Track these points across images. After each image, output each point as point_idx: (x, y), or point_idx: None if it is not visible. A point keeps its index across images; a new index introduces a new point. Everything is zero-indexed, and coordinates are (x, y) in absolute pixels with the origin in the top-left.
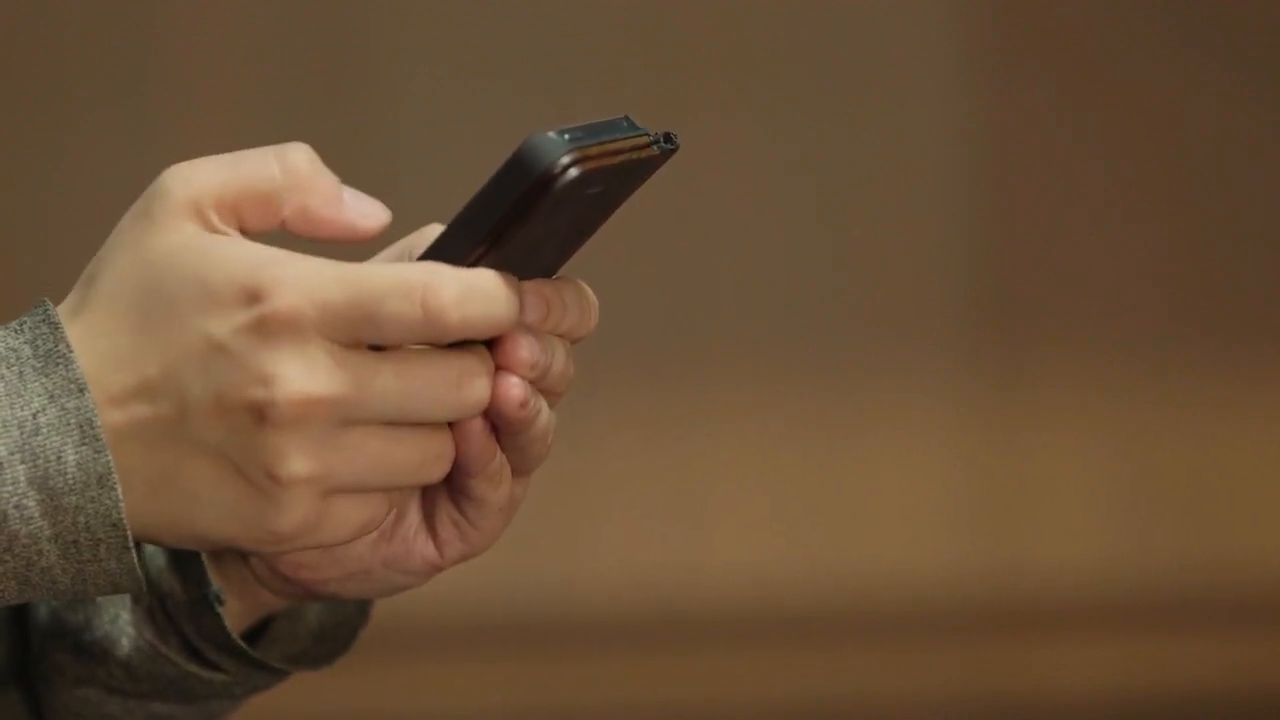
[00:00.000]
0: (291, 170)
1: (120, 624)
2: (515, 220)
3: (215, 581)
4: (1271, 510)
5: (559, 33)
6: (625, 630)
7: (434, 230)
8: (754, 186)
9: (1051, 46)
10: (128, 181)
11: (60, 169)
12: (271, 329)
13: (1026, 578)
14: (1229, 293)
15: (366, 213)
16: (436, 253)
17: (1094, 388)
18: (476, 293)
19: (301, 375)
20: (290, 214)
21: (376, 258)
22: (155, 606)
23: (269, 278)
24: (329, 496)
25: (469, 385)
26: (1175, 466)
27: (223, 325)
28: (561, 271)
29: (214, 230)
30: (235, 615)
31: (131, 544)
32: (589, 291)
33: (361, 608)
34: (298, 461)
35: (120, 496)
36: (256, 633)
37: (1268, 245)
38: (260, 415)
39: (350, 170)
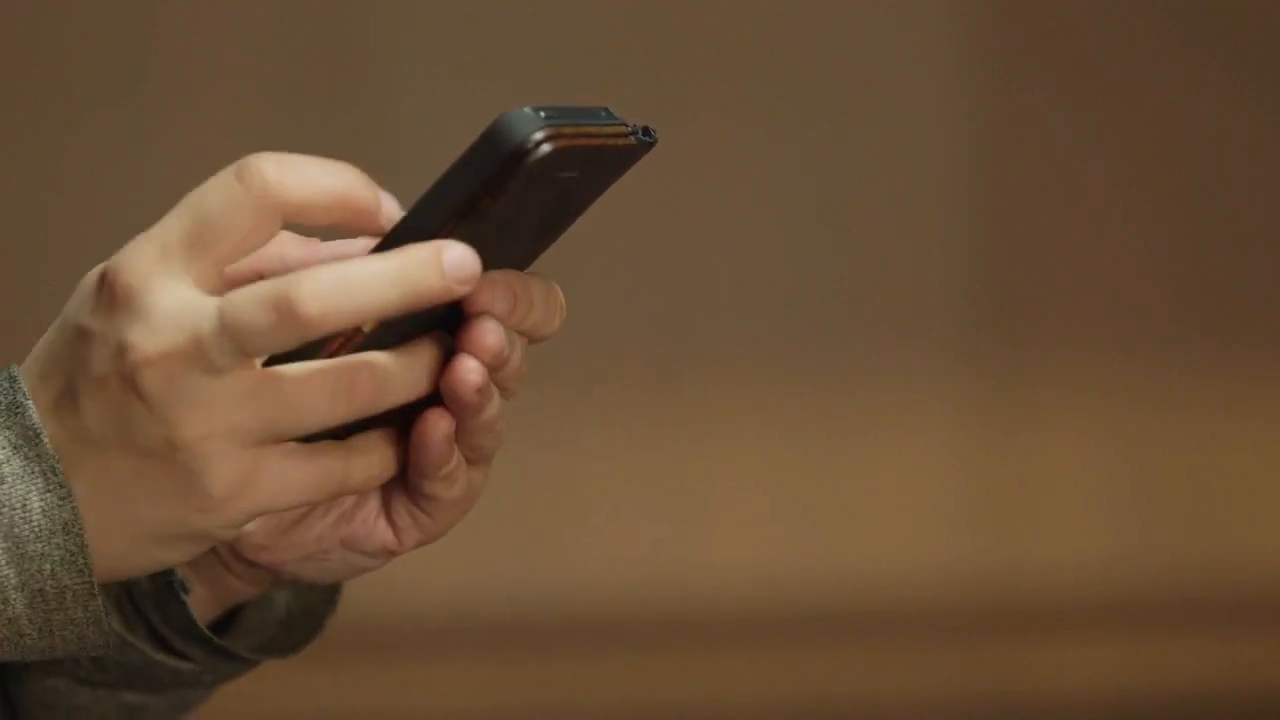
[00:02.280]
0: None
1: None
2: (486, 196)
3: (180, 569)
4: (1271, 510)
5: (559, 33)
6: (624, 630)
7: (391, 202)
8: (754, 186)
9: (1051, 46)
10: (128, 182)
11: (60, 169)
12: (116, 300)
13: (1026, 578)
14: (1229, 293)
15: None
16: (404, 229)
17: (1094, 388)
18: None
19: (145, 335)
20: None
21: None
22: (122, 595)
23: (116, 258)
24: (248, 449)
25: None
26: (1175, 466)
27: (84, 310)
28: (551, 270)
29: None
30: (204, 604)
31: (97, 591)
32: (558, 291)
33: (329, 596)
34: (184, 422)
35: (86, 543)
36: (227, 622)
37: (1268, 245)
38: (131, 386)
39: None
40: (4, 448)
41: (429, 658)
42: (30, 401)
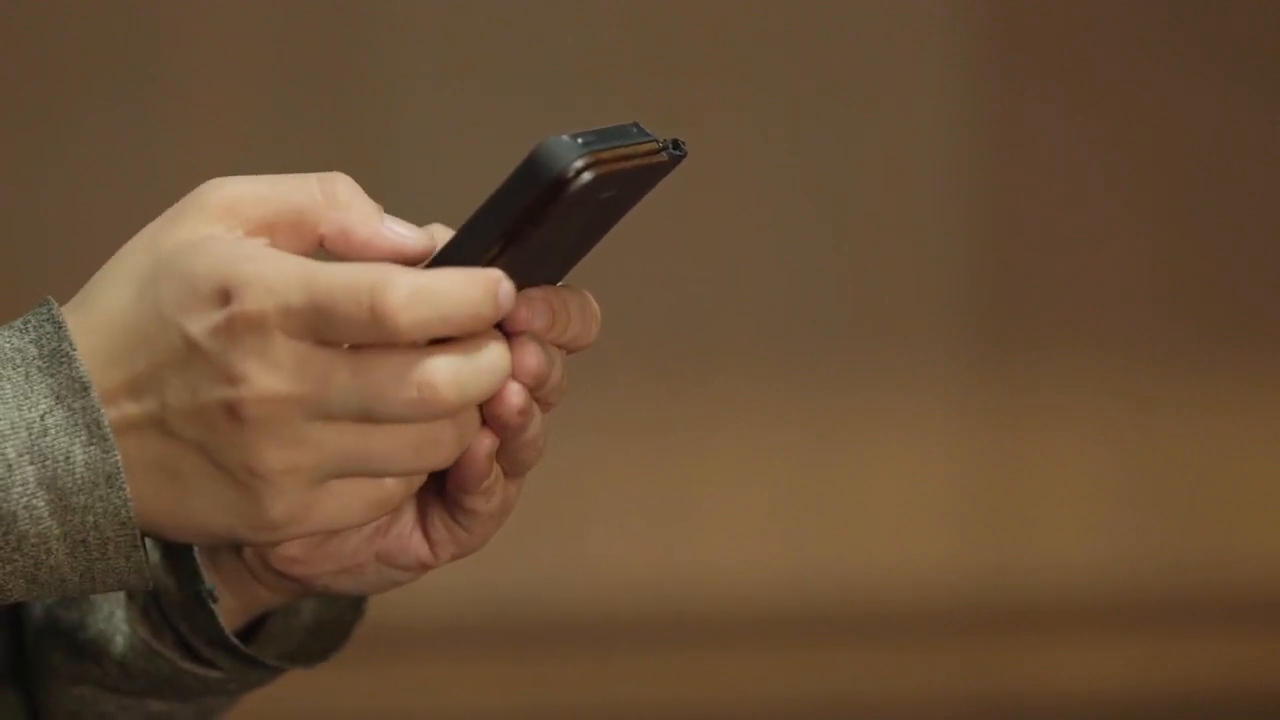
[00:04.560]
0: (330, 193)
1: (115, 621)
2: (528, 223)
3: (209, 578)
4: (1271, 510)
5: (559, 34)
6: (624, 630)
7: (438, 230)
8: (754, 187)
9: (1051, 46)
10: (129, 184)
11: (62, 173)
12: (239, 329)
13: (1025, 578)
14: (1228, 293)
15: (407, 234)
16: (448, 255)
17: (1094, 388)
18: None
19: (265, 375)
20: (328, 232)
21: None
22: (149, 604)
23: (239, 277)
24: (319, 485)
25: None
26: (1174, 466)
27: (199, 324)
28: (565, 278)
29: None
30: (231, 612)
31: (140, 542)
32: (593, 302)
33: (356, 604)
34: (271, 455)
35: (129, 495)
36: (252, 630)
37: (1268, 246)
38: (232, 413)
39: (349, 172)
40: (47, 397)
41: (430, 658)
42: (77, 352)
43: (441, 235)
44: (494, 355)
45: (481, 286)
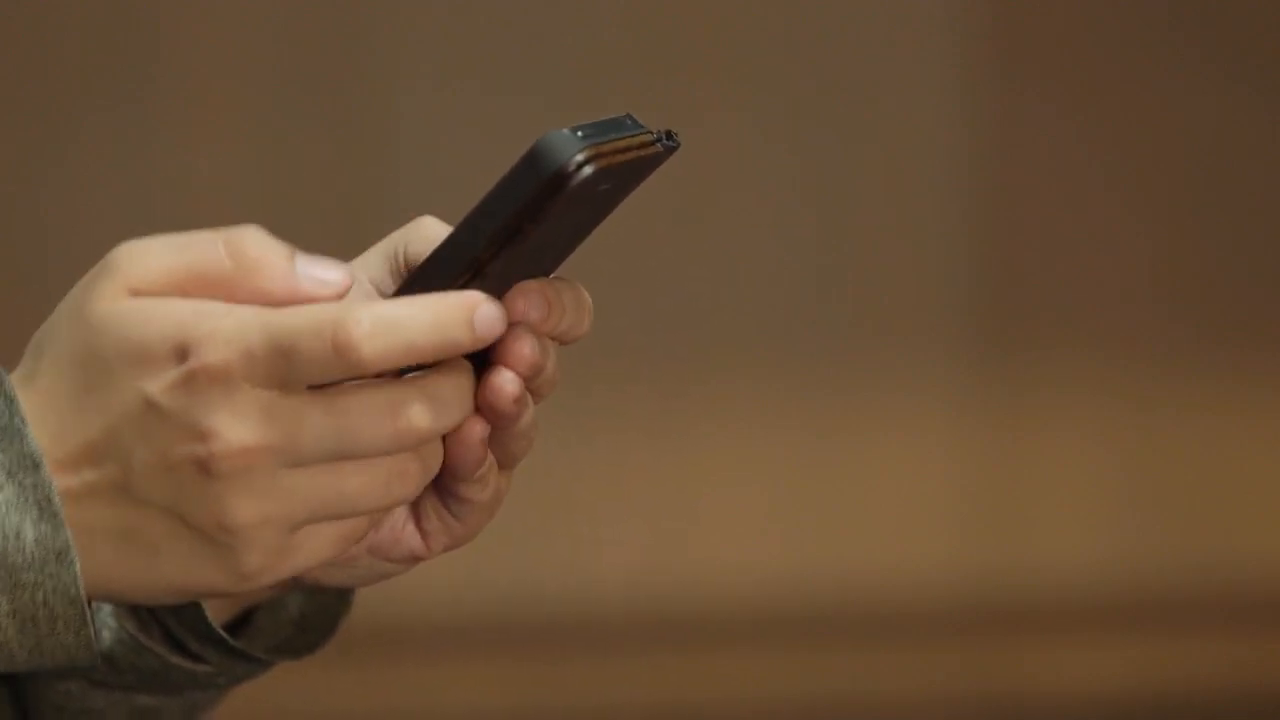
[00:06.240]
0: (238, 254)
1: (102, 616)
2: (529, 219)
3: None
4: (1271, 510)
5: (559, 34)
6: (623, 630)
7: (427, 223)
8: (752, 187)
9: (1051, 47)
10: (129, 184)
11: (62, 173)
12: (201, 384)
13: (1025, 578)
14: (1229, 293)
15: (324, 279)
16: (448, 252)
17: (1094, 388)
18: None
19: (235, 427)
20: (244, 297)
21: (368, 253)
22: None
23: (196, 333)
24: (292, 532)
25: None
26: (1175, 467)
27: (156, 384)
28: (559, 270)
29: None
30: (218, 606)
31: (89, 619)
32: (586, 294)
33: (343, 596)
34: (244, 509)
35: (79, 573)
36: (240, 623)
37: (1268, 247)
38: (204, 469)
39: (349, 172)
40: None
41: (428, 658)
42: (29, 427)
43: (431, 227)
44: (459, 381)
45: (444, 312)
